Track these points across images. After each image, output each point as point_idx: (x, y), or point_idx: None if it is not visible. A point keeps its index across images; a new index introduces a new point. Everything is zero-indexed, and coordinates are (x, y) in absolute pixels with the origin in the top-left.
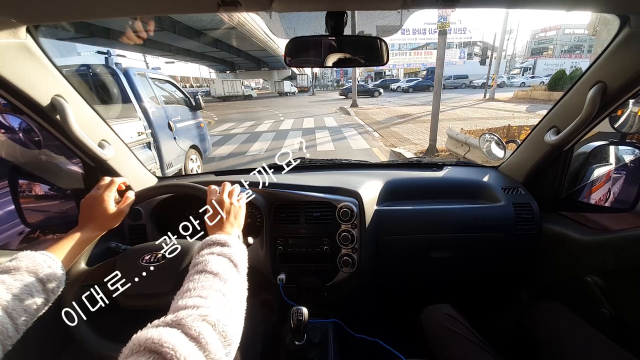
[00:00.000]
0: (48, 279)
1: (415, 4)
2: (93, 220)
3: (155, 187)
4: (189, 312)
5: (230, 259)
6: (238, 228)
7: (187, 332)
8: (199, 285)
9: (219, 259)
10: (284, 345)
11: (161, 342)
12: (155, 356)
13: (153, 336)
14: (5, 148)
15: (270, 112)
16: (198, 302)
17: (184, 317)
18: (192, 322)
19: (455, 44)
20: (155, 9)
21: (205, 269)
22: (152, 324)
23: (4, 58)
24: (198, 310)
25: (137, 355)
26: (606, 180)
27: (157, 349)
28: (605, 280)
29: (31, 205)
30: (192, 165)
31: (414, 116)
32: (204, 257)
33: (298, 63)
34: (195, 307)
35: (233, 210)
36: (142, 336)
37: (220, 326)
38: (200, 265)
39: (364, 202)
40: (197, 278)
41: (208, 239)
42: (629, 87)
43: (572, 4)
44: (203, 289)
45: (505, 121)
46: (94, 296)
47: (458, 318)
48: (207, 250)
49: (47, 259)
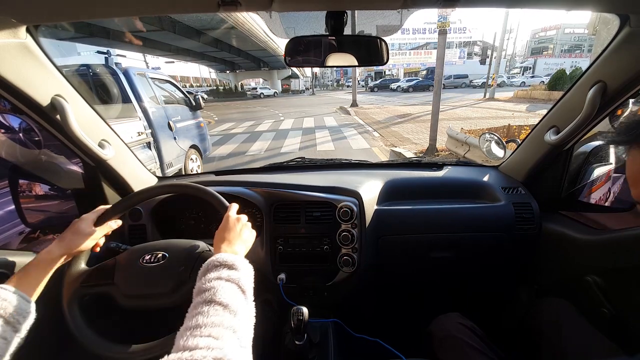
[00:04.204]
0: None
1: (415, 4)
2: (62, 239)
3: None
4: (204, 353)
5: (239, 285)
6: (246, 249)
7: None
8: (209, 322)
9: (227, 286)
10: (284, 345)
11: None
12: None
13: None
14: (6, 148)
15: (270, 111)
16: (211, 343)
17: (199, 358)
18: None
19: (455, 44)
20: (155, 9)
21: (214, 299)
22: (168, 358)
23: (4, 58)
24: (212, 352)
25: None
26: (606, 180)
27: None
28: (605, 279)
29: (31, 205)
30: (192, 165)
31: (414, 116)
32: (211, 282)
33: (298, 63)
34: (210, 348)
35: (246, 230)
36: None
37: None
38: (208, 294)
39: (364, 201)
40: (206, 311)
41: (214, 259)
42: (629, 87)
43: (572, 3)
44: (214, 326)
45: (505, 121)
46: (94, 296)
47: (469, 326)
48: (214, 274)
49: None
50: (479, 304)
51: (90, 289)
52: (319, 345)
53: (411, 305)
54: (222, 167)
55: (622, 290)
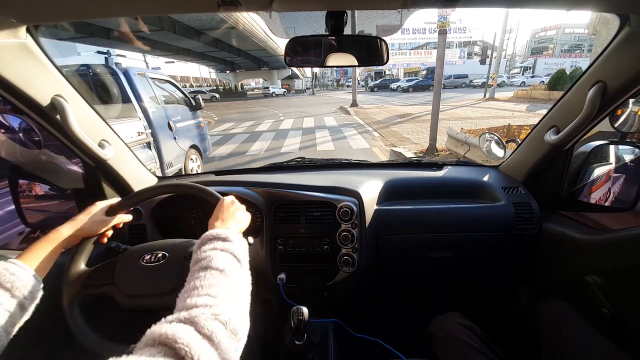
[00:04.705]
0: (13, 285)
1: (415, 4)
2: (75, 221)
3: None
4: (202, 310)
5: (233, 254)
6: (240, 229)
7: (200, 330)
8: (206, 283)
9: (222, 255)
10: (284, 345)
11: (175, 338)
12: (167, 350)
13: (167, 332)
14: (6, 148)
15: (270, 111)
16: (208, 301)
17: (197, 315)
18: (205, 320)
19: (455, 44)
20: (155, 9)
21: (210, 265)
22: (166, 319)
23: (4, 58)
24: (210, 310)
25: (151, 349)
26: (606, 180)
27: (171, 344)
28: (605, 279)
29: (31, 205)
30: (192, 165)
31: (414, 116)
32: (206, 252)
33: (298, 63)
34: (207, 305)
35: (240, 212)
36: (156, 331)
37: (231, 324)
38: (204, 262)
39: (364, 201)
40: (203, 275)
41: (208, 233)
42: (629, 87)
43: (572, 3)
44: (211, 286)
45: (505, 120)
46: (94, 296)
47: (468, 327)
48: (209, 246)
49: (10, 266)
50: (479, 304)
51: (90, 290)
52: (319, 345)
53: (411, 305)
54: (222, 167)
55: (622, 290)
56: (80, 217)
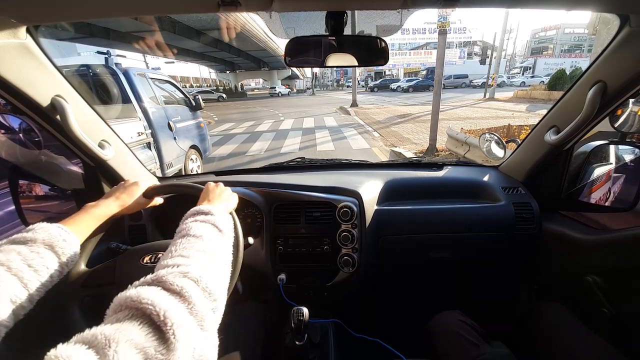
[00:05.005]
0: (63, 252)
1: (415, 4)
2: (116, 198)
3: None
4: (169, 270)
5: (214, 224)
6: (226, 208)
7: (169, 287)
8: (180, 247)
9: (202, 225)
10: (285, 345)
11: (140, 299)
12: (134, 312)
13: (132, 294)
14: (5, 148)
15: (270, 112)
16: (179, 260)
17: (164, 275)
18: (173, 278)
19: (455, 44)
20: (155, 9)
21: (189, 233)
22: (132, 285)
23: (4, 58)
24: (179, 268)
25: (118, 315)
26: (606, 180)
27: (135, 306)
28: (605, 279)
29: (31, 206)
30: (192, 165)
31: (414, 116)
32: (187, 224)
33: (298, 63)
34: (176, 265)
35: (226, 193)
36: (121, 296)
37: (203, 282)
38: (184, 231)
39: (364, 202)
40: (179, 242)
41: (193, 209)
42: (629, 87)
43: (572, 3)
44: (185, 249)
45: (505, 121)
46: (95, 297)
47: (469, 324)
48: (191, 219)
49: (62, 232)
50: (478, 304)
51: (90, 290)
52: (319, 346)
53: (411, 305)
54: (222, 167)
55: (622, 290)
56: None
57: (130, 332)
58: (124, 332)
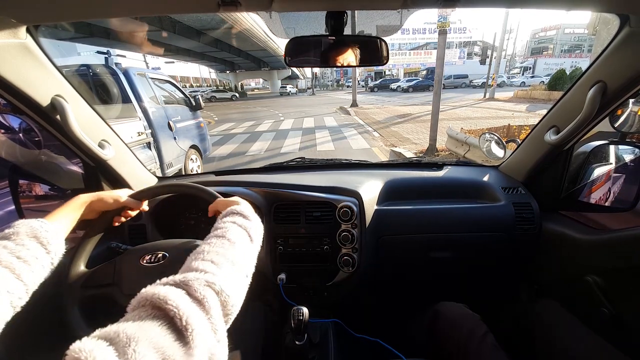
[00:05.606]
0: (48, 241)
1: (415, 4)
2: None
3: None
4: (197, 275)
5: (249, 234)
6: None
7: (192, 294)
8: (213, 250)
9: (238, 230)
10: (284, 345)
11: (166, 299)
12: (156, 312)
13: (160, 293)
14: (6, 148)
15: (270, 112)
16: (208, 267)
17: (191, 279)
18: (199, 285)
19: (455, 44)
20: (155, 9)
21: (225, 235)
22: (160, 282)
23: (4, 58)
24: (206, 276)
25: (141, 310)
26: (606, 180)
27: (161, 305)
28: (605, 279)
29: (31, 205)
30: (192, 165)
31: (414, 116)
32: (226, 224)
33: (298, 63)
34: (204, 271)
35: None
36: (149, 291)
37: (223, 295)
38: (220, 231)
39: (364, 201)
40: (214, 242)
41: (232, 207)
42: (629, 87)
43: (572, 3)
44: (217, 254)
45: (505, 121)
46: (95, 297)
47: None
48: (230, 218)
49: (42, 224)
50: (478, 304)
51: (90, 290)
52: (319, 346)
53: (411, 305)
54: (222, 167)
55: (622, 290)
56: (105, 194)
57: (151, 332)
58: (146, 331)
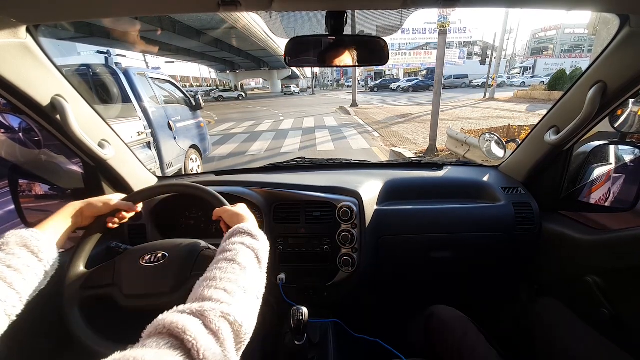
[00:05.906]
0: (39, 250)
1: (415, 4)
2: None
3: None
4: (213, 305)
5: (257, 255)
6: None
7: (208, 325)
8: (225, 277)
9: (247, 253)
10: (284, 345)
11: (185, 329)
12: (174, 341)
13: (178, 322)
14: (6, 148)
15: (270, 112)
16: (222, 297)
17: (208, 310)
18: (214, 316)
19: (455, 44)
20: (155, 9)
21: (235, 259)
22: (177, 309)
23: (4, 58)
24: (221, 306)
25: (159, 337)
26: (606, 180)
27: (179, 335)
28: (605, 280)
29: (31, 205)
30: (192, 165)
31: (414, 116)
32: (234, 245)
33: (298, 63)
34: (220, 302)
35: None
36: (167, 319)
37: (237, 325)
38: (230, 254)
39: (364, 201)
40: (225, 267)
41: (240, 226)
42: (629, 87)
43: (572, 3)
44: (229, 281)
45: (505, 121)
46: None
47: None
48: (238, 239)
49: (33, 233)
50: (478, 304)
51: (90, 291)
52: (319, 346)
53: (411, 305)
54: (222, 167)
55: (622, 290)
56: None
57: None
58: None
